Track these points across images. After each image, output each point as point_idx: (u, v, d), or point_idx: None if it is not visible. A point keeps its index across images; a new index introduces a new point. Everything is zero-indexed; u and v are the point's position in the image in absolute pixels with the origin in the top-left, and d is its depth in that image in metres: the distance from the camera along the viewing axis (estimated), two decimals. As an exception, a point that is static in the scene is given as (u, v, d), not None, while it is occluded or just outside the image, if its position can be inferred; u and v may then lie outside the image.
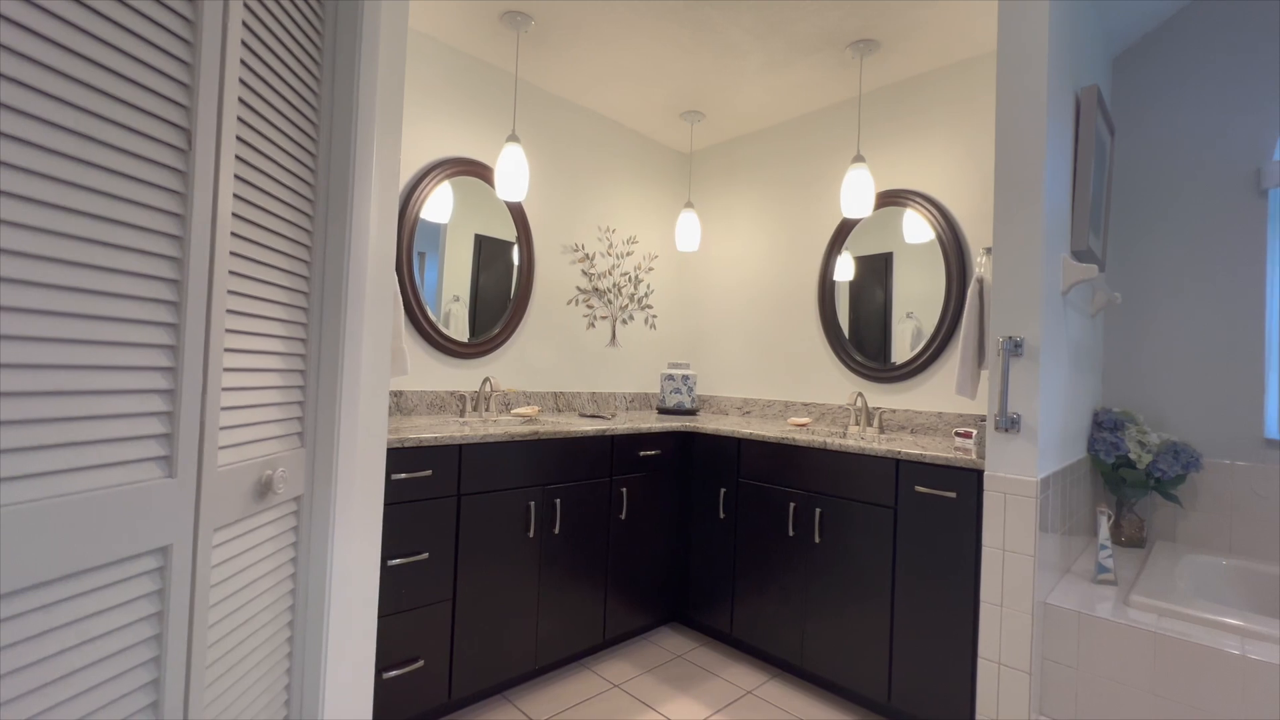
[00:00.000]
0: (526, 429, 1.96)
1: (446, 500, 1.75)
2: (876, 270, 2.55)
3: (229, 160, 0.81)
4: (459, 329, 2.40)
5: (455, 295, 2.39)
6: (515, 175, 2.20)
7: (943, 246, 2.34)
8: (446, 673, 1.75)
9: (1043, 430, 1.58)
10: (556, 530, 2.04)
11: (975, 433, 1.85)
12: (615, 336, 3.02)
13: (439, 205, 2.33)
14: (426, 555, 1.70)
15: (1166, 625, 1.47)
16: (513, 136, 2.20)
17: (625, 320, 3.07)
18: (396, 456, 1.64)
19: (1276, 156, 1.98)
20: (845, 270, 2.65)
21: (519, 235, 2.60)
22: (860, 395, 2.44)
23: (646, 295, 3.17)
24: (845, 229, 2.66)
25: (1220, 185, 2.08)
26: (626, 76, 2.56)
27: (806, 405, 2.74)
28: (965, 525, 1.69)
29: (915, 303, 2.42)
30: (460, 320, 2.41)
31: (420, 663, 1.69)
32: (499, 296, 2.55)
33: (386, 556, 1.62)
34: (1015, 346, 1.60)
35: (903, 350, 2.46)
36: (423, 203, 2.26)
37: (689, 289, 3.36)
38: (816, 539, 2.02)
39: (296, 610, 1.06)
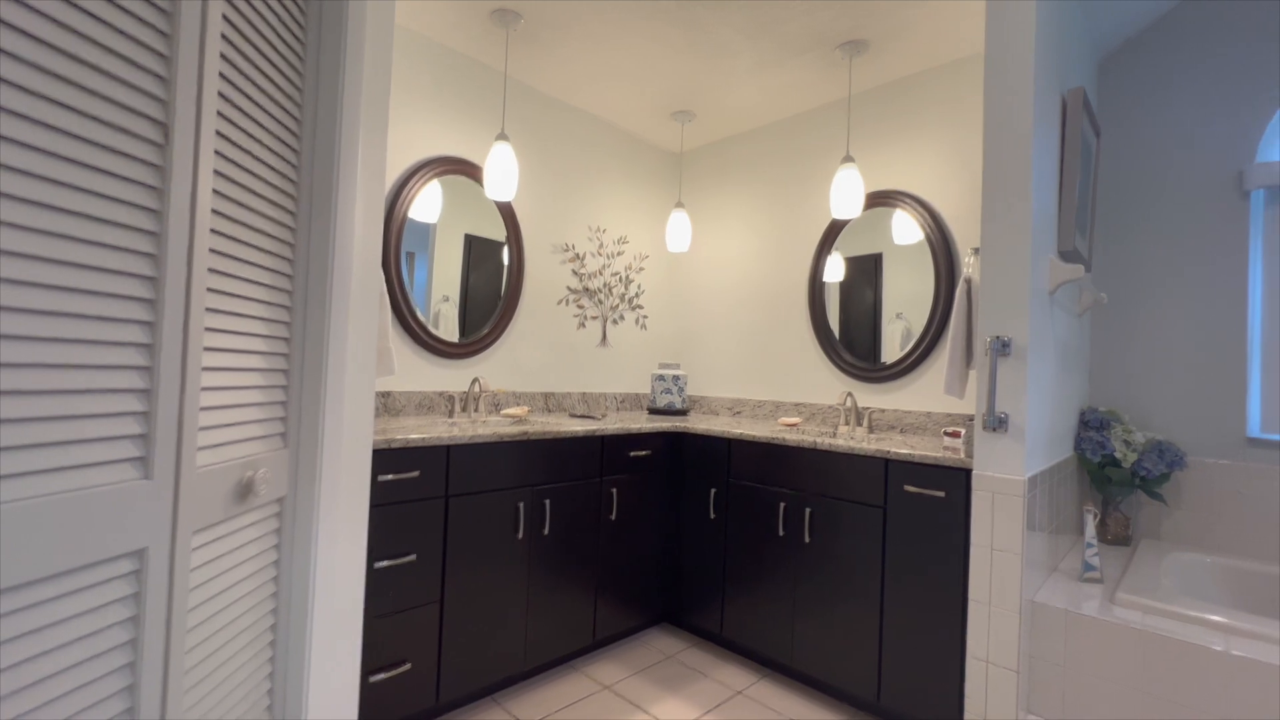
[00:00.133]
0: (515, 429, 1.95)
1: (434, 501, 1.73)
2: (866, 271, 2.56)
3: (208, 155, 0.79)
4: (448, 329, 2.38)
5: (445, 295, 2.37)
6: (504, 174, 2.18)
7: (931, 247, 2.35)
8: (434, 675, 1.73)
9: (1030, 429, 1.59)
10: (546, 531, 2.02)
11: (964, 432, 1.86)
12: (606, 337, 3.01)
13: (428, 204, 2.31)
14: (414, 557, 1.68)
15: (1152, 623, 1.48)
16: (502, 135, 2.19)
17: (616, 320, 3.06)
18: (383, 457, 1.62)
19: (1258, 159, 2.00)
20: (835, 271, 2.66)
21: (509, 235, 2.59)
22: (850, 395, 2.45)
23: (637, 295, 3.17)
24: (835, 229, 2.67)
25: (1203, 187, 2.10)
26: (617, 76, 2.55)
27: (797, 405, 2.74)
28: (954, 524, 1.69)
29: (905, 303, 2.43)
30: (450, 320, 2.39)
31: (408, 665, 1.67)
32: (489, 296, 2.53)
33: (373, 558, 1.60)
34: (1003, 346, 1.60)
35: (892, 350, 2.46)
36: (411, 201, 2.25)
37: (680, 289, 3.36)
38: (806, 539, 2.02)
39: (279, 614, 1.04)
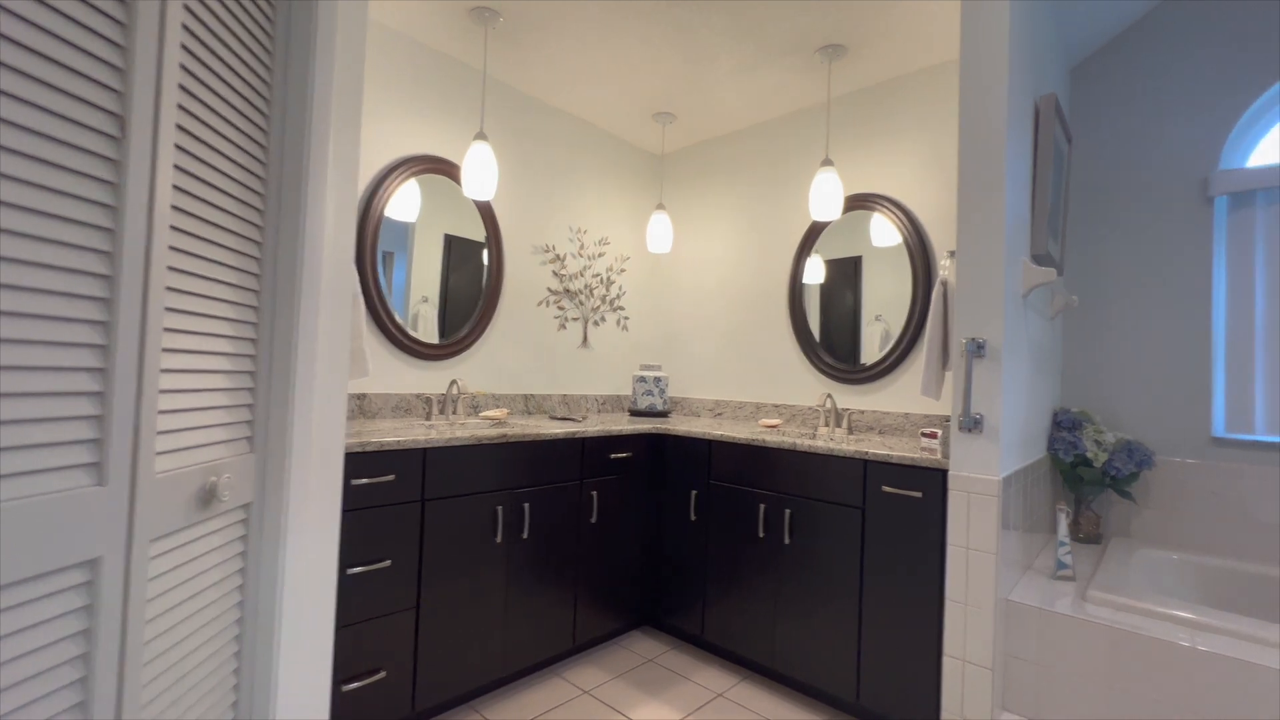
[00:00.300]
0: (494, 432, 1.92)
1: (410, 506, 1.70)
2: (847, 274, 2.58)
3: (168, 149, 0.76)
4: (428, 330, 2.35)
5: (424, 296, 2.34)
6: (483, 174, 2.16)
7: (909, 250, 2.38)
8: (410, 683, 1.70)
9: (1004, 430, 1.61)
10: (525, 535, 2.00)
11: (940, 433, 1.88)
12: (587, 338, 2.99)
13: (406, 203, 2.27)
14: (389, 563, 1.65)
15: (1121, 619, 1.51)
16: (480, 134, 2.16)
17: (597, 322, 3.04)
18: (357, 461, 1.58)
19: (1222, 166, 2.06)
20: (816, 273, 2.68)
21: (488, 235, 2.56)
22: (829, 397, 2.46)
23: (618, 297, 3.15)
24: (815, 232, 2.69)
25: (1171, 193, 2.16)
26: (598, 76, 2.54)
27: (777, 407, 2.75)
28: (931, 524, 1.71)
29: (884, 305, 2.46)
30: (429, 322, 2.35)
31: (382, 674, 1.63)
32: (470, 298, 2.50)
33: (346, 565, 1.56)
34: (978, 348, 1.62)
35: (872, 352, 2.49)
36: (388, 200, 2.21)
37: (661, 291, 3.36)
38: (786, 540, 2.02)
39: (245, 624, 1.01)
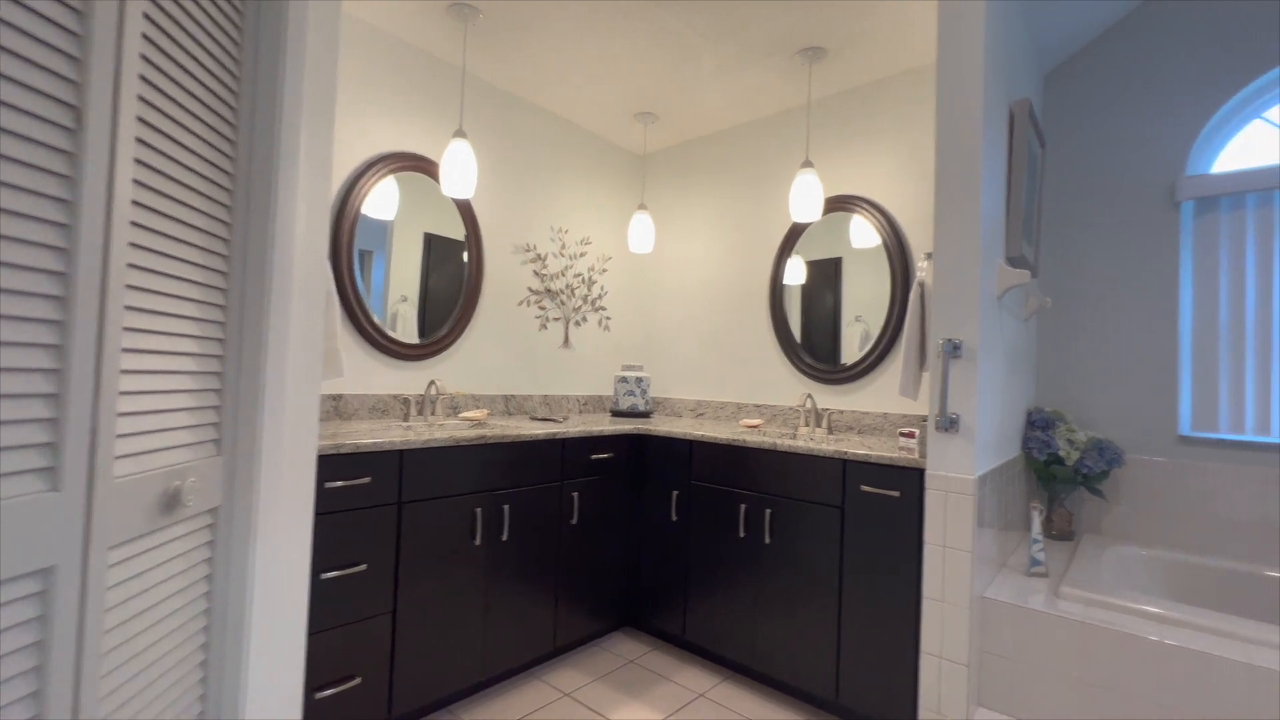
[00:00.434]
0: (473, 433, 1.90)
1: (386, 508, 1.67)
2: (827, 275, 2.59)
3: (128, 143, 0.74)
4: (407, 330, 2.31)
5: (403, 295, 2.30)
6: (462, 172, 2.13)
7: (888, 251, 2.40)
8: (386, 689, 1.67)
9: (980, 430, 1.63)
10: (505, 537, 1.98)
11: (918, 433, 1.90)
12: (568, 338, 2.97)
13: (384, 201, 2.23)
14: (364, 567, 1.62)
15: (1093, 615, 1.54)
16: (459, 132, 2.14)
17: (578, 322, 3.03)
18: (332, 463, 1.55)
19: (1188, 172, 2.12)
20: (797, 274, 2.69)
21: (468, 234, 2.53)
22: (810, 397, 2.48)
23: (600, 297, 3.14)
24: (796, 233, 2.70)
25: (1139, 198, 2.21)
26: (579, 75, 2.53)
27: (758, 407, 2.77)
28: (908, 523, 1.73)
29: (863, 306, 2.48)
30: (408, 321, 2.32)
31: (357, 680, 1.60)
32: (450, 297, 2.47)
33: (319, 569, 1.53)
34: (954, 349, 1.65)
35: (851, 352, 2.51)
36: (364, 197, 2.17)
37: (643, 291, 3.35)
38: (767, 540, 2.03)
39: (212, 632, 0.98)
